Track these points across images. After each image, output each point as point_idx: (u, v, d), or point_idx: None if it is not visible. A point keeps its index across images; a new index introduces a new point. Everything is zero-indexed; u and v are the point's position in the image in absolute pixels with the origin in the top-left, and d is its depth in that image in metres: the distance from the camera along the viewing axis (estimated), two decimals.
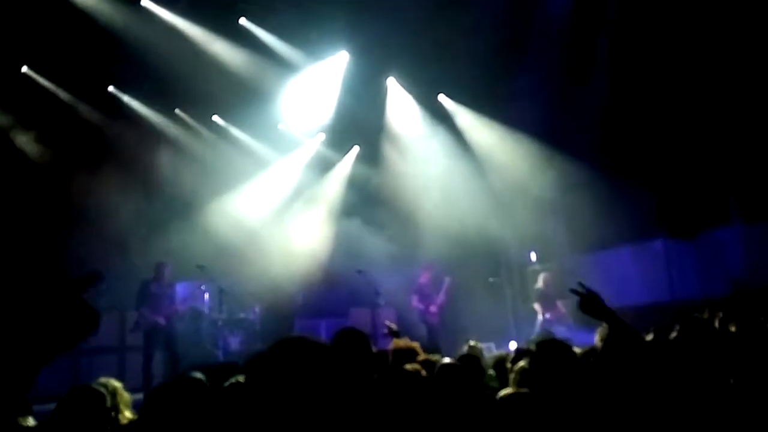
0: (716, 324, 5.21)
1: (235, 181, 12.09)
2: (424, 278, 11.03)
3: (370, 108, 12.14)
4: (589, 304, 3.00)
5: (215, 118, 12.23)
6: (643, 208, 10.14)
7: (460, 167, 12.20)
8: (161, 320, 8.55)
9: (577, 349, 3.45)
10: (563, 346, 3.15)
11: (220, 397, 3.19)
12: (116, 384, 3.72)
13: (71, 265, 10.42)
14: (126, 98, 11.25)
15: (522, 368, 3.68)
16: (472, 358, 4.74)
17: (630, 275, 11.09)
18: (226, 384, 3.44)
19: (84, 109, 10.91)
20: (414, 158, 12.48)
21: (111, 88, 11.14)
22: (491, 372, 4.75)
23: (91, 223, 10.61)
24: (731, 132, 9.62)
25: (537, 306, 10.41)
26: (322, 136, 12.97)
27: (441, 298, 10.84)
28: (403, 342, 4.99)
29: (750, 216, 10.10)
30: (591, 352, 3.76)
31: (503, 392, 3.13)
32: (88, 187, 10.57)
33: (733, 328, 4.86)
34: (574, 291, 3.06)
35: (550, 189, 11.31)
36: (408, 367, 3.65)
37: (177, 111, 11.84)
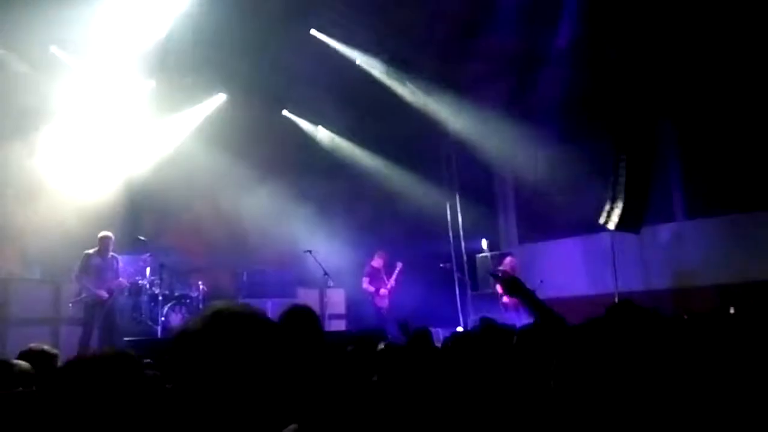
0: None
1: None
2: (377, 262, 10.98)
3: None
4: (512, 287, 3.20)
5: None
6: (592, 201, 10.26)
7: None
8: (103, 293, 8.23)
9: None
10: (499, 331, 3.19)
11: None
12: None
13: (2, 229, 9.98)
14: None
15: None
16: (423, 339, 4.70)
17: (577, 267, 11.29)
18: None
19: None
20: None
21: None
22: None
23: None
24: (683, 126, 9.83)
25: (498, 288, 10.40)
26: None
27: (392, 282, 10.82)
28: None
29: (694, 211, 10.38)
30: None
31: None
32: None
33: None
34: (493, 275, 3.22)
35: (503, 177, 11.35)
36: None
37: None
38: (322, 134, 13.48)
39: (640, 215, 9.70)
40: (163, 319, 9.40)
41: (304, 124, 13.41)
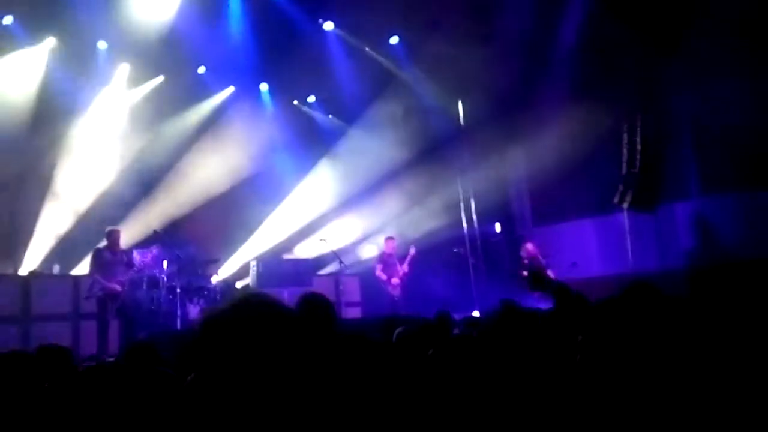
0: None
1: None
2: (388, 248, 10.97)
3: None
4: (536, 282, 3.11)
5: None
6: (606, 181, 10.21)
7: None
8: (116, 287, 8.32)
9: None
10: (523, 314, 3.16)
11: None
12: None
13: (21, 228, 10.12)
14: None
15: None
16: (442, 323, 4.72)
17: (592, 247, 11.24)
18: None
19: None
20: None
21: None
22: None
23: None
24: (696, 104, 9.69)
25: (524, 273, 10.37)
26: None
27: (404, 268, 10.80)
28: None
29: (708, 188, 10.24)
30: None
31: None
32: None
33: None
34: (522, 266, 3.19)
35: (516, 160, 11.29)
36: None
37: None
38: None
39: (654, 193, 9.61)
40: (180, 312, 9.49)
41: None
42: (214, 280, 10.85)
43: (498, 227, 11.80)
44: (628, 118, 10.23)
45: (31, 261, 10.18)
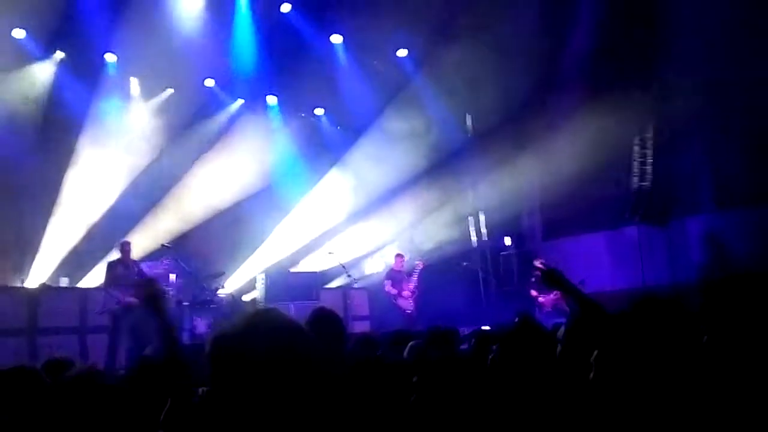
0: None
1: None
2: (397, 264, 10.92)
3: None
4: (551, 278, 3.14)
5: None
6: (618, 195, 10.13)
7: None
8: (133, 300, 8.21)
9: None
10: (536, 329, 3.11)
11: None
12: None
13: (29, 241, 10.11)
14: None
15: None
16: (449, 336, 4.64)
17: (603, 262, 11.13)
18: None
19: None
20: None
21: None
22: None
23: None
24: (711, 114, 9.60)
25: (533, 292, 10.36)
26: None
27: (413, 283, 10.73)
28: None
29: (721, 203, 10.14)
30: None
31: None
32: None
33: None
34: (535, 268, 3.11)
35: (527, 174, 11.23)
36: None
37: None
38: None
39: (667, 208, 9.52)
40: (188, 325, 9.44)
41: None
42: (221, 293, 10.80)
43: (508, 241, 11.71)
44: (639, 131, 10.16)
45: (38, 274, 10.16)
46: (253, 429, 1.37)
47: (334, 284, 11.94)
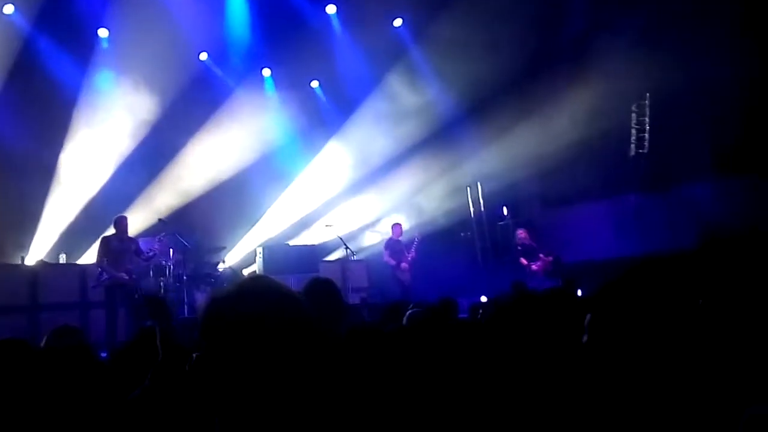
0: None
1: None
2: (395, 233, 10.93)
3: None
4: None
5: None
6: (617, 163, 10.11)
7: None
8: (124, 275, 8.29)
9: None
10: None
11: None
12: None
13: (28, 218, 10.13)
14: None
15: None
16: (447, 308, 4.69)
17: (601, 229, 11.14)
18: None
19: None
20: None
21: None
22: None
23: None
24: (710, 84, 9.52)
25: (523, 260, 10.45)
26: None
27: (412, 254, 10.76)
28: None
29: (723, 169, 10.10)
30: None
31: None
32: None
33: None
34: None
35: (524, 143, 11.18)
36: None
37: None
38: None
39: (665, 174, 9.50)
40: (187, 299, 9.49)
41: None
42: (221, 267, 10.85)
43: (505, 210, 11.72)
44: (636, 98, 10.10)
45: (38, 250, 10.19)
46: (243, 393, 1.37)
47: (332, 257, 11.97)
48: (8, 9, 9.88)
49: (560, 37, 10.58)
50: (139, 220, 10.20)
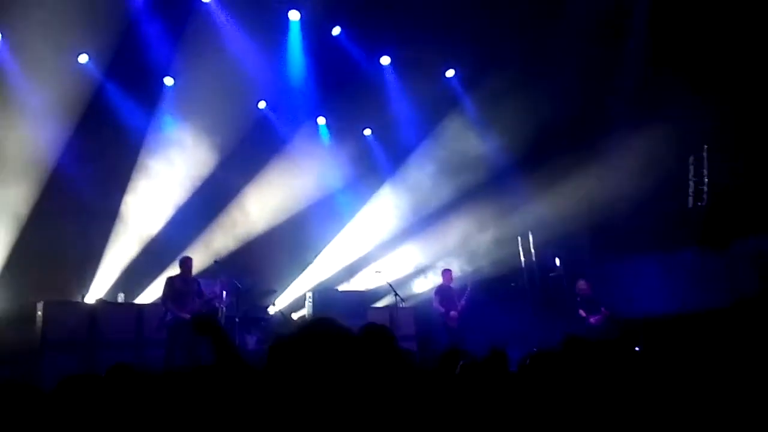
0: None
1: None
2: (445, 279, 10.86)
3: None
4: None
5: None
6: (673, 216, 9.86)
7: None
8: (186, 315, 8.42)
9: None
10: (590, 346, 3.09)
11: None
12: None
13: (89, 257, 10.49)
14: None
15: None
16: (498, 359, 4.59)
17: (656, 285, 10.81)
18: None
19: None
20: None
21: None
22: None
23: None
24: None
25: (582, 312, 10.20)
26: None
27: (462, 303, 10.64)
28: None
29: None
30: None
31: None
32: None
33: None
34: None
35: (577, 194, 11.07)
36: None
37: None
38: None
39: (725, 229, 9.19)
40: (238, 342, 9.56)
41: None
42: (271, 310, 10.95)
43: (558, 261, 11.53)
44: (694, 149, 9.91)
45: (98, 289, 10.51)
46: (305, 425, 1.41)
47: (381, 303, 11.96)
48: (83, 59, 10.49)
49: (616, 84, 10.52)
50: (195, 261, 10.45)
